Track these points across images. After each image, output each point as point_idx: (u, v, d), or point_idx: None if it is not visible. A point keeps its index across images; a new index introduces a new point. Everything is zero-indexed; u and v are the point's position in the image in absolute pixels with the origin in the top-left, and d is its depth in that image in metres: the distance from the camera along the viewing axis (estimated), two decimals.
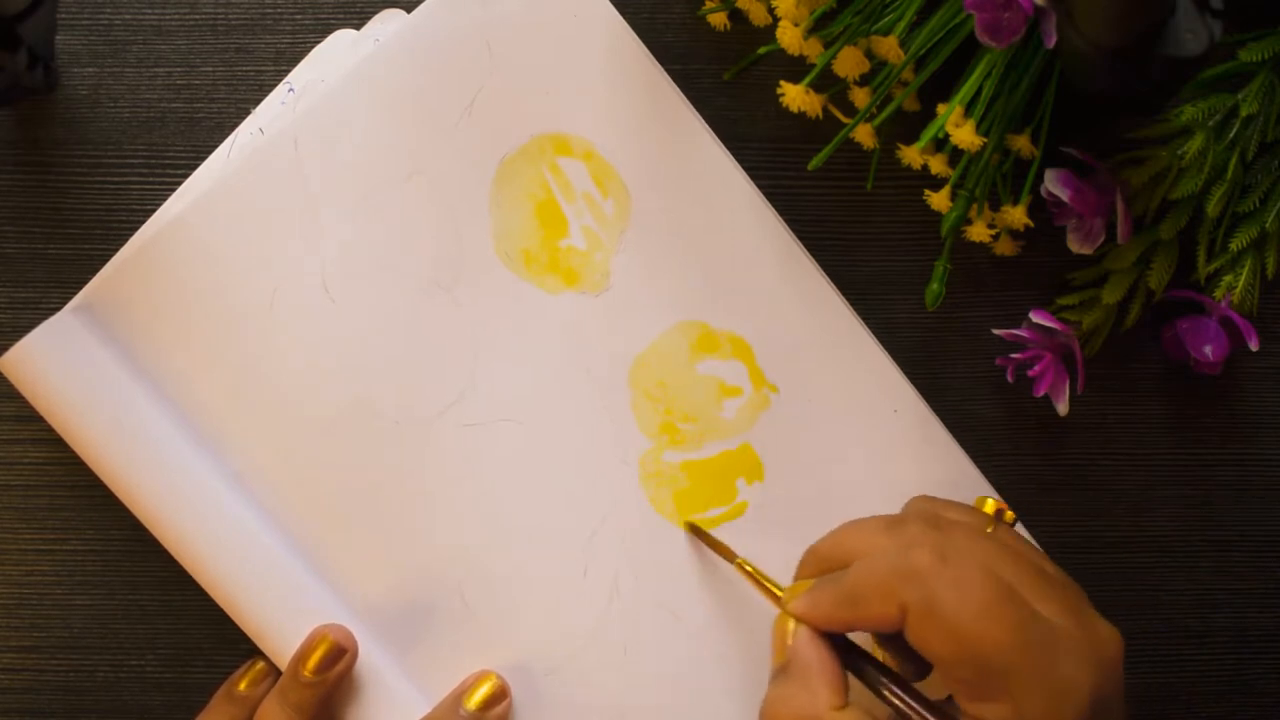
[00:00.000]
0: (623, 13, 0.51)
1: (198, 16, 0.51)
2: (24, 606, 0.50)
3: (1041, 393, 0.49)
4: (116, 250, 0.50)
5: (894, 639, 0.41)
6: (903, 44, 0.46)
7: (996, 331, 0.51)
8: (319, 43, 0.50)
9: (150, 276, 0.48)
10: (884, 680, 0.41)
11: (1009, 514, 0.46)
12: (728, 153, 0.49)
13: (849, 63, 0.47)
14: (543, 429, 0.49)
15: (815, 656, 0.41)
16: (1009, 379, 0.51)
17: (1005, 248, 0.50)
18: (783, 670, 0.42)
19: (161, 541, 0.47)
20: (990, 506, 0.46)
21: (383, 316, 0.48)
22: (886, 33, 0.46)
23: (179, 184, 0.50)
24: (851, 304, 0.51)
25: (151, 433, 0.47)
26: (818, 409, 0.50)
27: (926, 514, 0.43)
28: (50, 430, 0.50)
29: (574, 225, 0.49)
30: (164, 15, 0.51)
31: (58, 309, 0.50)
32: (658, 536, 0.49)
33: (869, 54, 0.47)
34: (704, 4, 0.51)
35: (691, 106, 0.49)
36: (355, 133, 0.48)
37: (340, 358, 0.48)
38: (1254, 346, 0.49)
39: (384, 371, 0.48)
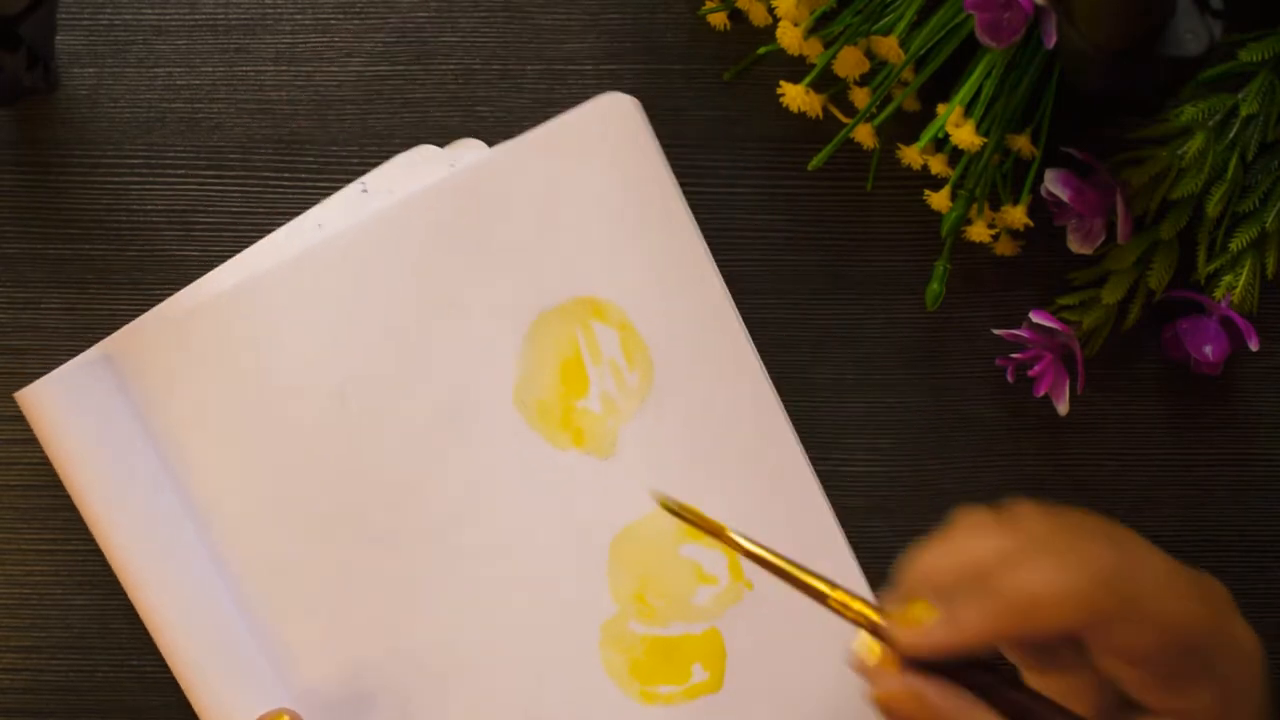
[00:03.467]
0: (623, 12, 0.51)
1: (198, 16, 0.51)
2: (24, 606, 0.50)
3: (1041, 393, 0.49)
4: (116, 250, 0.50)
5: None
6: (903, 44, 0.46)
7: (996, 331, 0.51)
8: (319, 42, 0.50)
9: (180, 345, 0.48)
10: (1031, 701, 0.36)
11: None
12: (754, 349, 0.50)
13: (849, 63, 0.47)
14: (520, 572, 0.49)
15: (961, 709, 0.36)
16: (1009, 379, 0.51)
17: (1005, 248, 0.50)
18: None
19: (129, 595, 0.48)
20: None
21: (392, 436, 0.49)
22: (886, 33, 0.46)
23: (179, 184, 0.50)
24: (851, 304, 0.51)
25: (142, 491, 0.48)
26: (785, 612, 0.49)
27: (1037, 511, 0.38)
28: None
29: (594, 389, 0.50)
30: (164, 15, 0.51)
31: (57, 309, 0.50)
32: (604, 700, 0.49)
33: (869, 54, 0.47)
34: (704, 4, 0.51)
35: (730, 298, 0.50)
36: (406, 255, 0.49)
37: (341, 466, 0.49)
38: (1254, 346, 0.49)
39: (382, 487, 0.49)
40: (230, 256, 0.50)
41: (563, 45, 0.51)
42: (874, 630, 0.37)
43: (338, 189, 0.51)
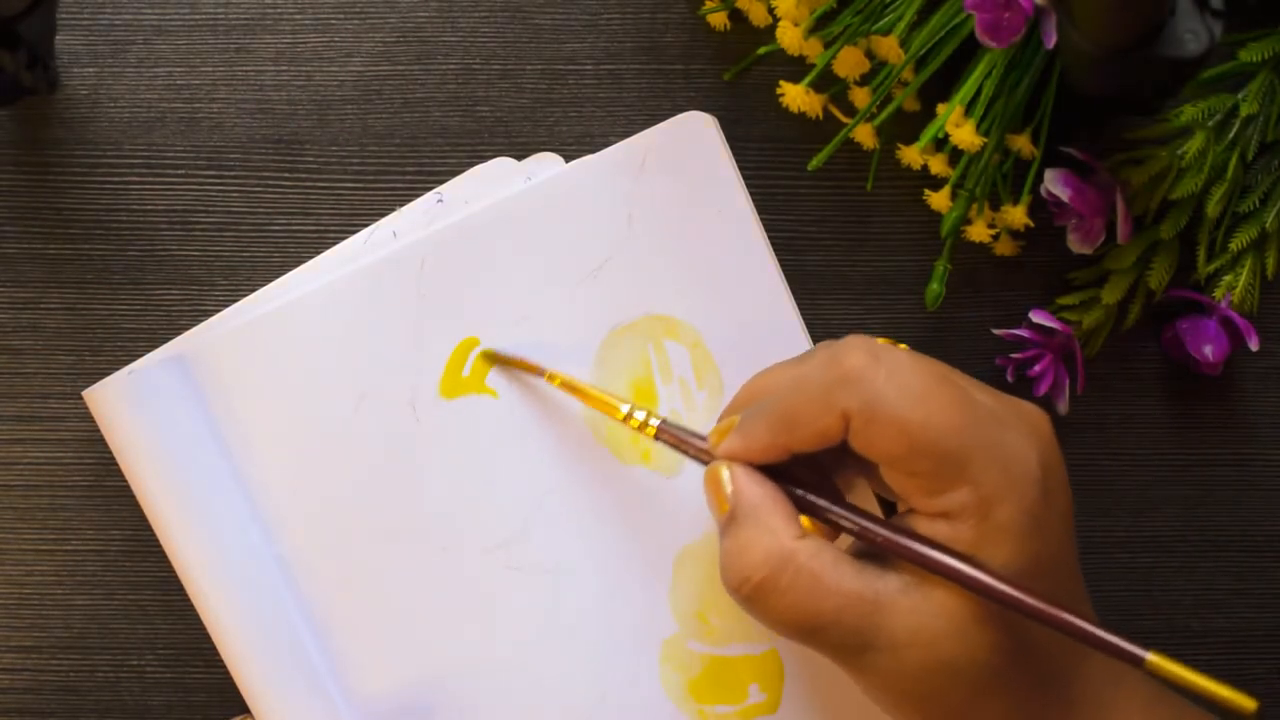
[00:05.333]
0: (623, 12, 0.51)
1: (198, 16, 0.51)
2: (24, 606, 0.50)
3: (1041, 393, 0.49)
4: (116, 250, 0.50)
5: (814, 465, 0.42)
6: (903, 44, 0.46)
7: (996, 331, 0.51)
8: (319, 42, 0.50)
9: (252, 349, 0.48)
10: (827, 504, 0.40)
11: (903, 346, 0.45)
12: None
13: (849, 63, 0.47)
14: (584, 587, 0.49)
15: (762, 493, 0.40)
16: (1009, 379, 0.51)
17: (1005, 248, 0.50)
18: (731, 520, 0.40)
19: (190, 597, 0.48)
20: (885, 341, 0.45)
21: (460, 448, 0.49)
22: (886, 33, 0.46)
23: (179, 184, 0.50)
24: (851, 304, 0.51)
25: (210, 493, 0.48)
26: None
27: (830, 342, 0.42)
28: (51, 430, 0.50)
29: (663, 407, 0.49)
30: (164, 15, 0.51)
31: (57, 309, 0.50)
32: (661, 718, 0.49)
33: (869, 54, 0.47)
34: (704, 4, 0.51)
35: (803, 321, 0.49)
36: (480, 267, 0.49)
37: (408, 477, 0.49)
38: (1254, 346, 0.49)
39: (446, 499, 0.49)
40: (232, 257, 0.50)
41: (563, 45, 0.51)
42: (698, 449, 0.43)
43: (337, 189, 0.51)
